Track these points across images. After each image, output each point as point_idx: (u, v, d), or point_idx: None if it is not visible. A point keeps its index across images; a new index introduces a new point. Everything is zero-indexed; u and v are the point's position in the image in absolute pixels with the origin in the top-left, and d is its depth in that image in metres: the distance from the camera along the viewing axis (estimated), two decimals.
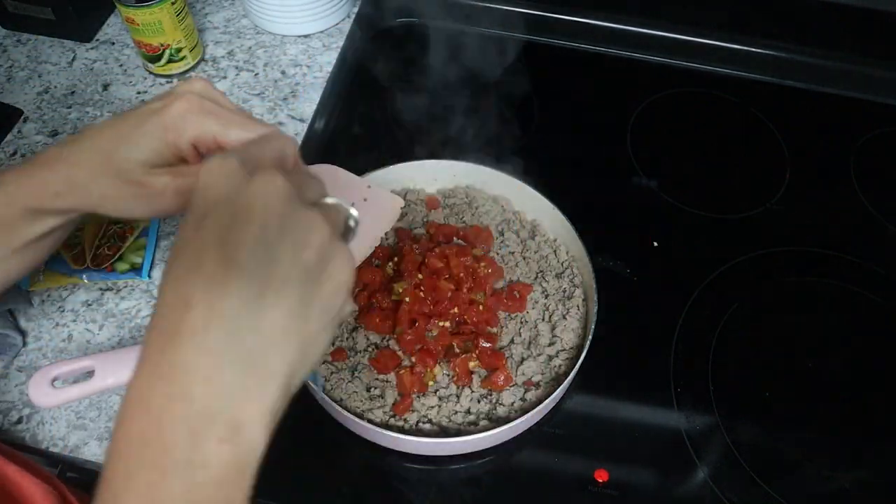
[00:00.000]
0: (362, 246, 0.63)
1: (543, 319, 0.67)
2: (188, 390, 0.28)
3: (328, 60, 0.90)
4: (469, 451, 0.61)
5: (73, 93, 0.84)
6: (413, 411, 0.61)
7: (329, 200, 0.36)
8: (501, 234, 0.73)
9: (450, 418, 0.61)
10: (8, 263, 0.47)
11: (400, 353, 0.64)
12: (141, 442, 0.28)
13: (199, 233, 0.30)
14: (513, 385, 0.63)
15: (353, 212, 0.37)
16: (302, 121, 0.82)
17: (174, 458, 0.28)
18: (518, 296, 0.67)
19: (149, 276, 0.70)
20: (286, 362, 0.31)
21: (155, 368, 0.29)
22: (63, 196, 0.43)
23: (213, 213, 0.31)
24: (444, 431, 0.60)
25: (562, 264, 0.71)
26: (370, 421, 0.59)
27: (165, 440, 0.28)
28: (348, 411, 0.58)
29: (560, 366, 0.64)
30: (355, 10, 0.96)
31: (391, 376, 0.63)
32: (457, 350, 0.63)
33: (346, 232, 0.37)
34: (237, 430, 0.29)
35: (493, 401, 0.62)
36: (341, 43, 0.92)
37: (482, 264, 0.67)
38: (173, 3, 0.79)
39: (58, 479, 0.57)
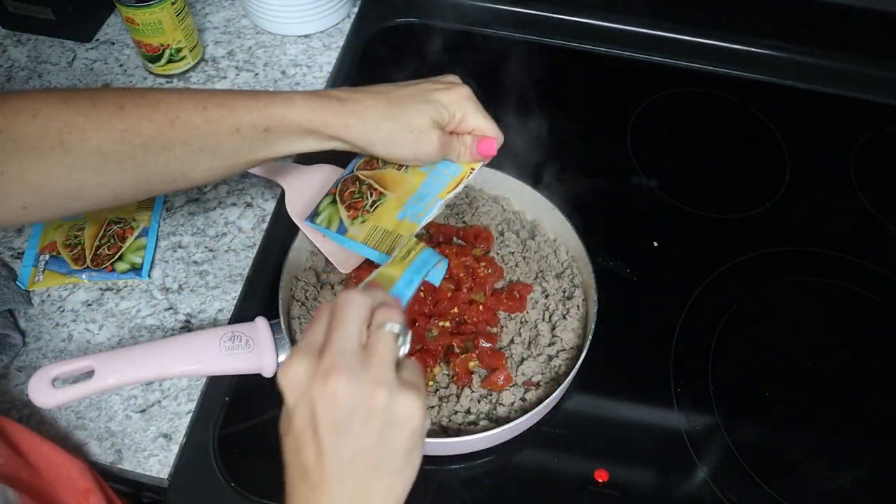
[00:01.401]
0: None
1: (543, 319, 0.67)
2: None
3: (328, 60, 0.90)
4: (469, 451, 0.61)
5: None
6: None
7: (383, 328, 0.41)
8: (501, 234, 0.73)
9: (450, 418, 0.61)
10: (236, 163, 0.52)
11: None
12: None
13: (294, 423, 0.39)
14: (513, 385, 0.63)
15: (396, 327, 0.41)
16: None
17: None
18: (518, 296, 0.67)
19: (148, 276, 0.70)
20: (390, 493, 0.40)
21: None
22: (352, 128, 0.51)
23: (296, 410, 0.39)
24: (444, 431, 0.60)
25: (562, 264, 0.71)
26: None
27: None
28: None
29: (560, 366, 0.64)
30: (355, 10, 0.96)
31: None
32: (457, 350, 0.63)
33: (401, 346, 0.41)
34: None
35: (493, 401, 0.62)
36: (341, 43, 0.92)
37: (482, 264, 0.67)
38: (173, 3, 0.79)
39: (84, 460, 0.57)
